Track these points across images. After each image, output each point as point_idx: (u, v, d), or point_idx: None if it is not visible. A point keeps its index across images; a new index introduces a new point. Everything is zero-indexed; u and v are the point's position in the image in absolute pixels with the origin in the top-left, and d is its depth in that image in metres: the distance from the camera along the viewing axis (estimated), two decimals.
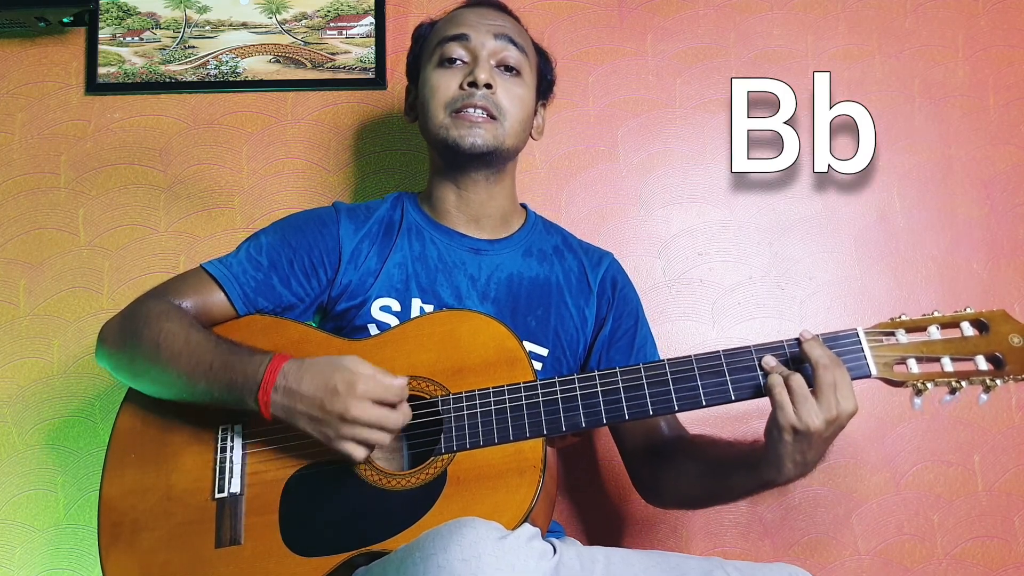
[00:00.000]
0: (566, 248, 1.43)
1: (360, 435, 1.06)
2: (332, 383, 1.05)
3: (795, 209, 1.73)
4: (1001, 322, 1.09)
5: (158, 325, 1.17)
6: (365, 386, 1.05)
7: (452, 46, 1.31)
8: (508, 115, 1.31)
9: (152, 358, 1.15)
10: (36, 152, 1.73)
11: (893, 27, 1.78)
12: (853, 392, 1.06)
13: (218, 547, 1.11)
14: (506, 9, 1.41)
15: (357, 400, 1.04)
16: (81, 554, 1.60)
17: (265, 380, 1.08)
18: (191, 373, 1.13)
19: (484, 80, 1.28)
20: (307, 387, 1.06)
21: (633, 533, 1.63)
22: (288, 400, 1.07)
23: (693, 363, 1.11)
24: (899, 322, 1.11)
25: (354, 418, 1.04)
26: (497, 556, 0.90)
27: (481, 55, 1.30)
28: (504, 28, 1.34)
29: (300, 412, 1.07)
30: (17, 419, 1.64)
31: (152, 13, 1.76)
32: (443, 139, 1.30)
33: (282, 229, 1.32)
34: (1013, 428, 1.65)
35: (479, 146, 1.28)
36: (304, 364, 1.08)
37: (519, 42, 1.34)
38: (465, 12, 1.37)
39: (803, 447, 1.05)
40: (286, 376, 1.07)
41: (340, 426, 1.05)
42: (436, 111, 1.30)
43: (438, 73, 1.32)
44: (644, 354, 1.39)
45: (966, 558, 1.61)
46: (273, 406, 1.08)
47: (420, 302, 1.29)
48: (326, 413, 1.05)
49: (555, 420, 1.10)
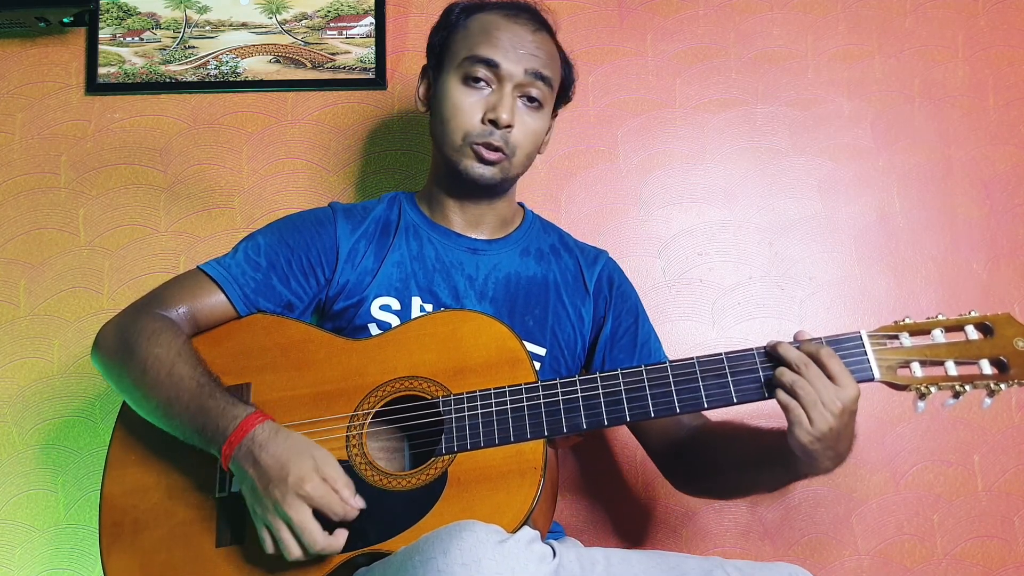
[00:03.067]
0: (563, 247, 1.43)
1: (279, 533, 1.03)
2: (287, 469, 1.03)
3: (795, 209, 1.73)
4: (1006, 326, 1.08)
5: (147, 349, 1.16)
6: (313, 489, 1.02)
7: (479, 67, 1.27)
8: (519, 150, 1.30)
9: (138, 380, 1.15)
10: (36, 152, 1.73)
11: (893, 27, 1.78)
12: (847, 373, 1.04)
13: (219, 546, 1.11)
14: (545, 23, 1.36)
15: (297, 499, 1.02)
16: (81, 554, 1.60)
17: (233, 435, 1.07)
18: (168, 406, 1.12)
19: (506, 122, 1.27)
20: (265, 459, 1.04)
21: (633, 533, 1.63)
22: (244, 462, 1.05)
23: (695, 365, 1.11)
24: (903, 325, 1.10)
25: (284, 512, 1.02)
26: (497, 560, 0.89)
27: (506, 88, 1.27)
28: (536, 60, 1.29)
29: (247, 478, 1.05)
30: (17, 419, 1.64)
31: (152, 13, 1.76)
32: (454, 163, 1.30)
33: (279, 230, 1.32)
34: (1013, 428, 1.65)
35: (487, 179, 1.29)
36: (278, 435, 1.06)
37: (548, 75, 1.31)
38: (502, 29, 1.29)
39: (830, 443, 1.05)
40: (253, 440, 1.06)
41: (268, 513, 1.03)
42: (453, 135, 1.29)
43: (461, 92, 1.29)
44: (648, 350, 1.38)
45: (966, 558, 1.61)
46: (231, 461, 1.07)
47: (420, 300, 1.29)
48: (266, 493, 1.03)
49: (556, 421, 1.10)
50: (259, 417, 1.08)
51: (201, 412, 1.10)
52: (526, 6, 1.35)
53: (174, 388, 1.12)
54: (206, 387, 1.12)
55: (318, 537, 1.02)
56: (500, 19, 1.31)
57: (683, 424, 1.32)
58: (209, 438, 1.09)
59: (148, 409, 1.16)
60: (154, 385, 1.14)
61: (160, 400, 1.13)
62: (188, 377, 1.13)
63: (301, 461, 1.03)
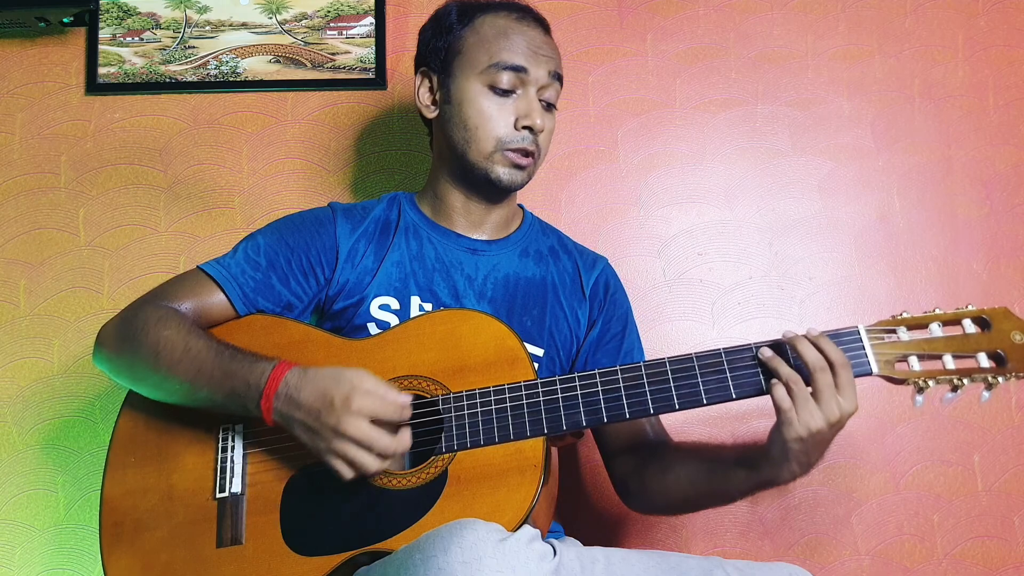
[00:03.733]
0: (561, 249, 1.43)
1: (349, 453, 1.04)
2: (330, 395, 1.04)
3: (795, 209, 1.73)
4: (1003, 319, 1.08)
5: (156, 333, 1.16)
6: (362, 401, 1.03)
7: (509, 75, 1.28)
8: (543, 151, 1.33)
9: (152, 366, 1.15)
10: (36, 152, 1.73)
11: (893, 27, 1.78)
12: (855, 392, 1.06)
13: (219, 547, 1.11)
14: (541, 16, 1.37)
15: (352, 415, 1.03)
16: (81, 554, 1.60)
17: (267, 387, 1.07)
18: (192, 381, 1.13)
19: (540, 127, 1.29)
20: (306, 397, 1.06)
21: (633, 533, 1.63)
22: (288, 408, 1.07)
23: (694, 361, 1.11)
24: (900, 319, 1.11)
25: (345, 433, 1.03)
26: (497, 558, 0.90)
27: (531, 92, 1.29)
28: (554, 62, 1.32)
29: (297, 421, 1.06)
30: (17, 419, 1.64)
31: (152, 13, 1.76)
32: (484, 171, 1.30)
33: (279, 229, 1.32)
34: (1013, 428, 1.65)
35: (518, 184, 1.31)
36: (308, 373, 1.08)
37: (561, 75, 1.34)
38: (519, 34, 1.31)
39: (808, 448, 1.06)
40: (288, 384, 1.07)
41: (332, 440, 1.04)
42: (485, 143, 1.29)
43: (491, 100, 1.29)
44: (631, 359, 1.38)
45: (966, 558, 1.61)
46: (275, 413, 1.08)
47: (419, 300, 1.29)
48: (320, 425, 1.04)
49: (556, 419, 1.10)
50: (286, 365, 1.09)
51: (228, 376, 1.10)
52: (526, 6, 1.36)
53: (194, 361, 1.13)
54: (225, 352, 1.13)
55: (387, 441, 1.04)
56: (512, 23, 1.32)
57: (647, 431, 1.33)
58: (243, 398, 1.09)
59: (169, 390, 1.15)
60: (172, 364, 1.14)
61: (182, 377, 1.13)
62: (206, 348, 1.14)
63: (339, 384, 1.05)
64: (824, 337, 1.07)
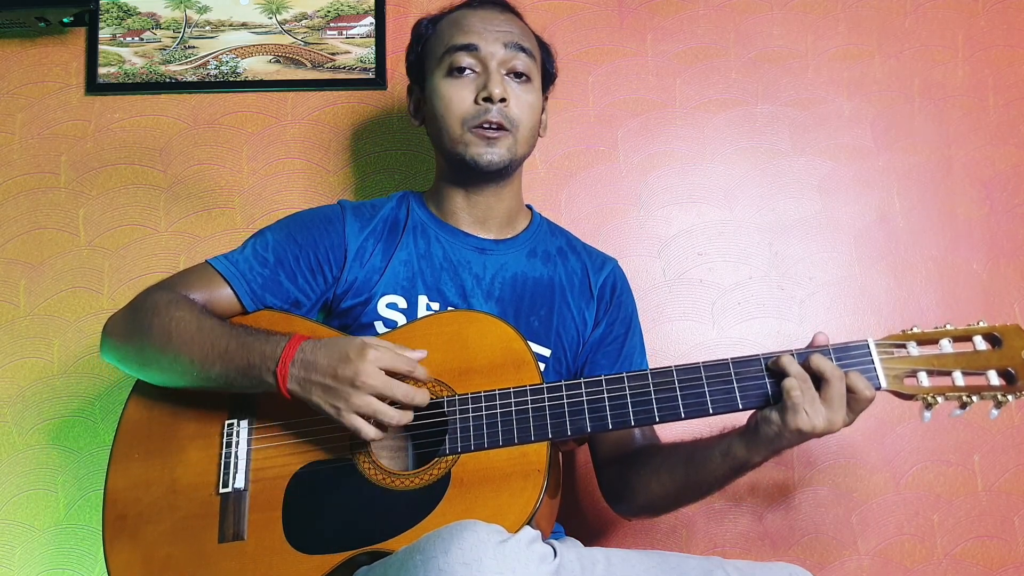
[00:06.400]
0: (570, 250, 1.43)
1: (372, 406, 1.05)
2: (345, 351, 1.06)
3: (795, 209, 1.73)
4: (1014, 337, 1.07)
5: (168, 314, 1.17)
6: (377, 352, 1.06)
7: (461, 56, 1.29)
8: (521, 125, 1.31)
9: (163, 346, 1.16)
10: (36, 152, 1.72)
11: (893, 27, 1.78)
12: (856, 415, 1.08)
13: (221, 542, 1.11)
14: (509, 7, 1.39)
15: (368, 364, 1.05)
16: (81, 554, 1.60)
17: (284, 354, 1.08)
18: (205, 358, 1.13)
19: (499, 95, 1.27)
20: (322, 358, 1.07)
21: (633, 533, 1.63)
22: (304, 372, 1.07)
23: (701, 371, 1.10)
24: (911, 334, 1.10)
25: (364, 384, 1.04)
26: (498, 560, 0.90)
27: (491, 65, 1.29)
28: (512, 34, 1.32)
29: (314, 382, 1.07)
30: (17, 419, 1.64)
31: (152, 13, 1.76)
32: (460, 155, 1.30)
33: (288, 227, 1.32)
34: (1013, 428, 1.65)
35: (496, 163, 1.29)
36: (322, 340, 1.10)
37: (527, 47, 1.33)
38: (470, 17, 1.34)
39: (793, 442, 1.08)
40: (303, 351, 1.08)
41: (351, 394, 1.05)
42: (452, 126, 1.29)
43: (449, 84, 1.30)
44: (630, 363, 1.39)
45: (966, 558, 1.61)
46: (290, 379, 1.08)
47: (426, 299, 1.29)
48: (338, 381, 1.05)
49: (560, 424, 1.10)
50: (301, 336, 1.11)
51: (244, 348, 1.11)
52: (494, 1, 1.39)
53: (208, 337, 1.14)
54: (239, 327, 1.15)
55: (405, 388, 1.07)
56: (467, 11, 1.36)
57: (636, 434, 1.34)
58: (258, 369, 1.10)
59: (180, 370, 1.15)
60: (184, 342, 1.14)
61: (195, 355, 1.14)
62: (219, 325, 1.15)
63: (352, 342, 1.07)
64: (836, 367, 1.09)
